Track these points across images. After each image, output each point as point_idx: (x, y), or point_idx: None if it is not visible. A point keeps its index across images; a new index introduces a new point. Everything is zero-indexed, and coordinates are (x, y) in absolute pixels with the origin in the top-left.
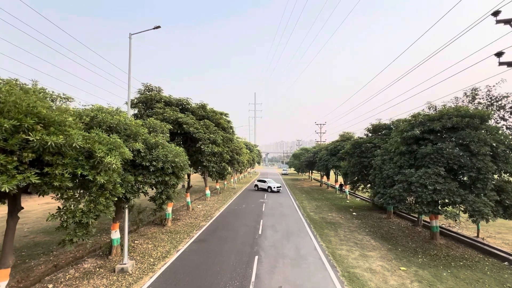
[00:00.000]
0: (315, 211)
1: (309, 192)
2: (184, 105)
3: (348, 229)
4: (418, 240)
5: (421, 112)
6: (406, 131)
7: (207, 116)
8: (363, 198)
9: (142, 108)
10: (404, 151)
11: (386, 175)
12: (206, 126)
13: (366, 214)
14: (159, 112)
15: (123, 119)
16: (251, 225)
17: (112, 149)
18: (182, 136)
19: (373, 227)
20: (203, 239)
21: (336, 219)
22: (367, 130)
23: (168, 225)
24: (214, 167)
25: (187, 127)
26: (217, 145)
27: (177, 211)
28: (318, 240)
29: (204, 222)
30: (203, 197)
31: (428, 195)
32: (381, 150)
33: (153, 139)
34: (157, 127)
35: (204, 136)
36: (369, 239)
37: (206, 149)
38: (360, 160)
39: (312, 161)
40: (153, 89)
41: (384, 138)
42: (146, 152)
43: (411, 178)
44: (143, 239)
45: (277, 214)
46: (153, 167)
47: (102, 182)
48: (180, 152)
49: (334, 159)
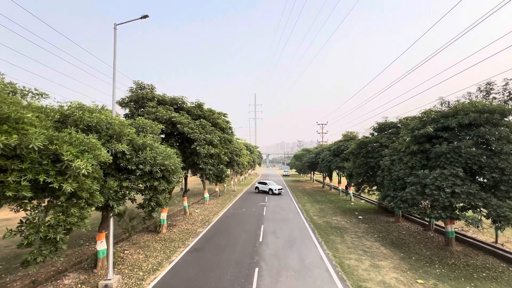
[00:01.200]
0: (318, 214)
1: (311, 194)
2: (179, 104)
3: (355, 235)
4: (432, 247)
5: (432, 108)
6: (417, 129)
7: (203, 115)
8: (368, 200)
9: (133, 107)
10: (416, 151)
11: (396, 177)
12: (202, 126)
13: (372, 217)
14: (151, 111)
15: (105, 118)
16: (251, 231)
17: (86, 151)
18: (177, 137)
19: (381, 232)
20: (199, 247)
21: (341, 223)
22: (373, 129)
23: (163, 232)
24: (211, 170)
25: (181, 127)
26: (214, 146)
27: (173, 216)
28: (324, 248)
29: (201, 228)
30: (202, 200)
31: (446, 198)
32: (389, 149)
33: (141, 140)
34: (147, 127)
35: (200, 136)
36: (378, 246)
37: (201, 150)
38: (366, 161)
39: (314, 162)
40: (145, 87)
41: (392, 137)
42: (132, 154)
43: (425, 180)
44: (135, 248)
45: (279, 219)
46: (140, 171)
47: (70, 190)
48: (170, 154)
49: (337, 159)
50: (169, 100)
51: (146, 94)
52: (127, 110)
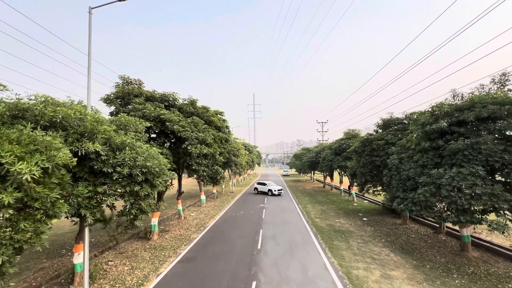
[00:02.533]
0: (320, 216)
1: (312, 195)
2: (170, 101)
3: (361, 239)
4: (446, 253)
5: (444, 101)
6: (428, 123)
7: (196, 113)
8: (372, 201)
9: (119, 104)
10: (427, 148)
11: (406, 177)
12: (195, 124)
13: (377, 219)
14: (138, 108)
15: (73, 112)
16: (249, 236)
17: (38, 152)
18: (167, 136)
19: (389, 235)
20: (192, 256)
21: (345, 226)
22: (377, 126)
23: (154, 239)
24: (205, 171)
25: (170, 125)
26: (207, 146)
27: (167, 220)
28: (328, 256)
29: (195, 233)
30: (199, 202)
31: (465, 200)
32: (396, 147)
33: (119, 139)
34: (130, 125)
35: (192, 135)
36: (388, 252)
37: (193, 150)
38: (371, 159)
39: (314, 161)
40: (132, 82)
41: (398, 134)
42: (109, 155)
43: (440, 180)
44: (121, 258)
45: (279, 222)
46: (117, 174)
47: (8, 202)
48: (154, 155)
49: (339, 158)
50: (159, 97)
51: (133, 90)
52: (112, 107)
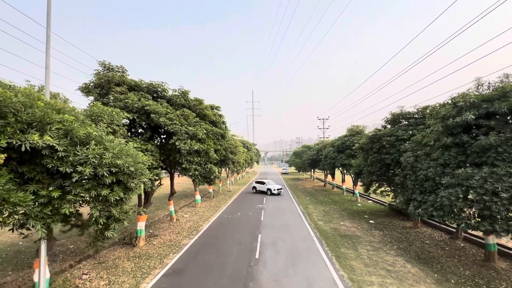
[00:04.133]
0: (323, 219)
1: (313, 194)
2: (159, 92)
3: (370, 246)
4: (470, 263)
5: (468, 92)
6: (451, 116)
7: (188, 105)
8: (377, 201)
9: (97, 93)
10: (449, 144)
11: (424, 177)
12: (185, 117)
13: (385, 222)
14: (119, 98)
15: (13, 95)
16: (246, 242)
17: None
18: (154, 131)
19: (400, 241)
20: (180, 268)
21: (351, 230)
22: (385, 121)
23: (140, 245)
24: (197, 170)
25: (156, 118)
26: (200, 142)
27: (157, 222)
28: (336, 267)
29: (187, 239)
30: (193, 203)
31: (502, 206)
32: (410, 143)
33: (82, 130)
34: (104, 115)
35: (181, 129)
36: (403, 263)
37: (182, 146)
38: (380, 157)
39: (315, 159)
40: (114, 69)
41: (410, 129)
42: (69, 150)
43: (468, 181)
44: (99, 269)
45: (279, 225)
46: (78, 174)
47: None
48: (128, 151)
49: (343, 156)
50: (145, 87)
51: (113, 77)
52: (91, 97)
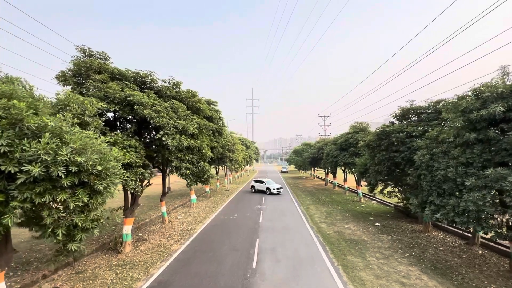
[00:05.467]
0: (326, 221)
1: (314, 194)
2: (146, 82)
3: (380, 253)
4: (493, 274)
5: (493, 82)
6: (475, 109)
7: (179, 98)
8: (381, 201)
9: (74, 82)
10: (472, 141)
11: (442, 177)
12: (174, 110)
13: (392, 224)
14: (98, 87)
15: None
16: (242, 249)
17: None
18: (141, 125)
19: (411, 247)
20: (166, 281)
21: (356, 234)
22: (393, 117)
23: (125, 251)
24: (188, 169)
25: (140, 109)
26: (192, 137)
27: (148, 224)
28: (344, 280)
29: (178, 244)
30: (189, 203)
31: None
32: (423, 140)
33: (34, 120)
34: (72, 104)
35: (169, 122)
36: (418, 274)
37: (169, 142)
38: (389, 156)
39: (316, 157)
40: (95, 55)
41: (421, 125)
42: (15, 145)
43: (500, 183)
44: (75, 281)
45: (279, 229)
46: (25, 174)
47: None
48: (95, 146)
49: (345, 154)
50: (132, 76)
51: (92, 64)
52: (69, 87)
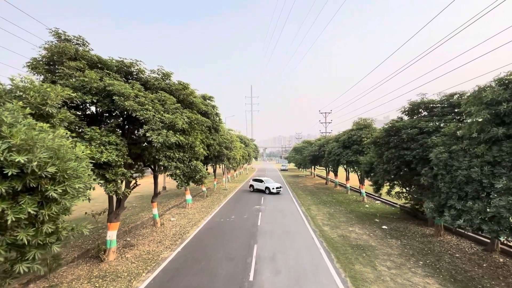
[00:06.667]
0: (329, 223)
1: (315, 193)
2: (133, 73)
3: (391, 262)
4: None
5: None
6: (504, 101)
7: (169, 90)
8: (386, 202)
9: (45, 70)
10: (500, 136)
11: (464, 178)
12: (161, 102)
13: (400, 227)
14: (71, 75)
15: None
16: (238, 257)
17: None
18: (126, 120)
19: (424, 254)
20: None
21: (363, 238)
22: (402, 111)
23: (109, 259)
24: (178, 168)
25: (120, 101)
26: (183, 133)
27: (140, 227)
28: None
29: (168, 250)
30: (184, 203)
31: None
32: (439, 137)
33: None
34: (29, 92)
35: (155, 116)
36: (437, 287)
37: (154, 138)
38: (399, 153)
39: (317, 155)
40: (71, 40)
41: (435, 119)
42: None
43: None
44: None
45: (278, 232)
46: None
47: None
48: (43, 140)
49: (349, 152)
50: (115, 65)
51: (66, 48)
52: (41, 77)
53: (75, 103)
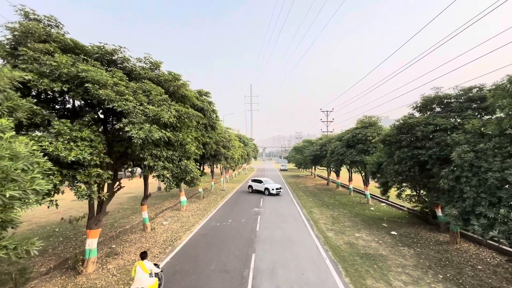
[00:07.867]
0: (333, 228)
1: (316, 195)
2: (116, 61)
3: (406, 275)
4: None
5: None
6: None
7: (157, 81)
8: (392, 204)
9: (6, 52)
10: None
11: (497, 181)
12: (146, 92)
13: (410, 233)
14: (36, 58)
15: None
16: (234, 269)
17: None
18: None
19: (443, 265)
20: None
21: (372, 246)
22: (413, 108)
23: (87, 271)
24: (166, 168)
25: (93, 89)
26: (172, 129)
27: (128, 232)
28: None
29: (155, 260)
30: (178, 205)
31: None
32: (461, 134)
33: None
34: None
35: (136, 107)
36: None
37: (133, 133)
38: (412, 153)
39: (319, 155)
40: (41, 20)
41: (452, 115)
42: None
43: None
44: None
45: (279, 239)
46: None
47: None
48: None
49: (353, 152)
50: (95, 52)
51: (31, 28)
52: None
53: (50, 95)
